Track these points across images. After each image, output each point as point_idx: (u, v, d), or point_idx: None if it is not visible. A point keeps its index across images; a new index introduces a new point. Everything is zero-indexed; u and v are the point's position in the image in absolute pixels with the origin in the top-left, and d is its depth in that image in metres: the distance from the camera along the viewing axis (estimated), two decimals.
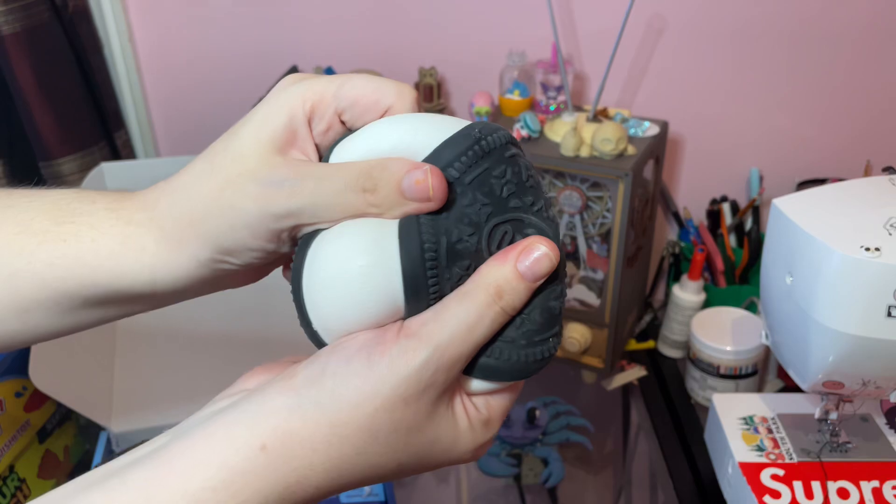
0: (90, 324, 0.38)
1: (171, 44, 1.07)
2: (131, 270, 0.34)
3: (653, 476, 0.85)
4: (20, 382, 0.76)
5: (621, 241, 0.86)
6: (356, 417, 0.30)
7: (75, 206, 0.36)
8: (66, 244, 0.35)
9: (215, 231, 0.32)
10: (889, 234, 0.55)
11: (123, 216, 0.35)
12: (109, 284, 0.35)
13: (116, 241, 0.34)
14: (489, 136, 0.32)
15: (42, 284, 0.35)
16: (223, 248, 0.33)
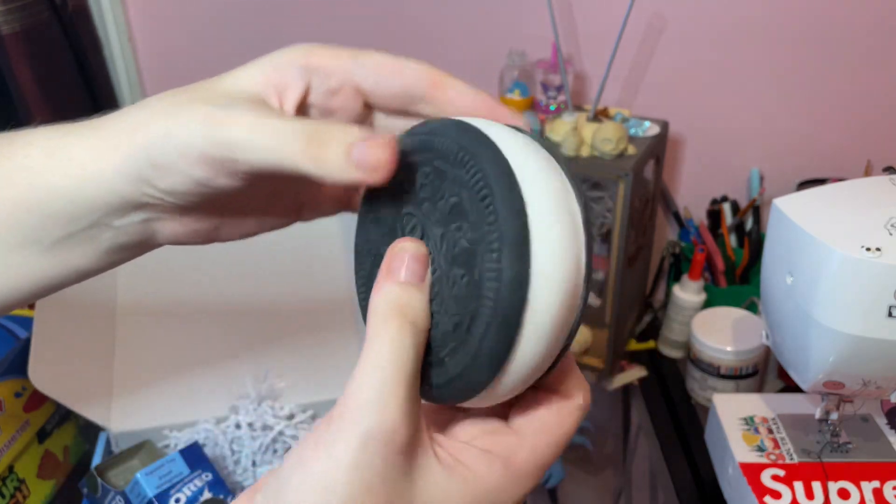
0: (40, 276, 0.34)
1: (170, 43, 1.07)
2: (58, 185, 0.31)
3: (653, 476, 0.85)
4: (19, 382, 0.76)
5: (622, 241, 0.86)
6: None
7: (20, 132, 0.33)
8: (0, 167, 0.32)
9: (149, 140, 0.30)
10: (890, 234, 0.55)
11: (63, 129, 0.32)
12: (40, 205, 0.32)
13: (46, 154, 0.31)
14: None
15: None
16: (152, 162, 0.30)
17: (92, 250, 0.34)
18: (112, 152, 0.31)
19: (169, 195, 0.31)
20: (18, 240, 0.33)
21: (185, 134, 0.29)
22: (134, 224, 0.33)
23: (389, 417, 0.26)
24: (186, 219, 0.34)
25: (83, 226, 0.32)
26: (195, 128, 0.29)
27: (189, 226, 0.34)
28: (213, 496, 0.68)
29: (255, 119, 0.29)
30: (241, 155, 0.29)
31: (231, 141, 0.29)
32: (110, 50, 1.04)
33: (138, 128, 0.30)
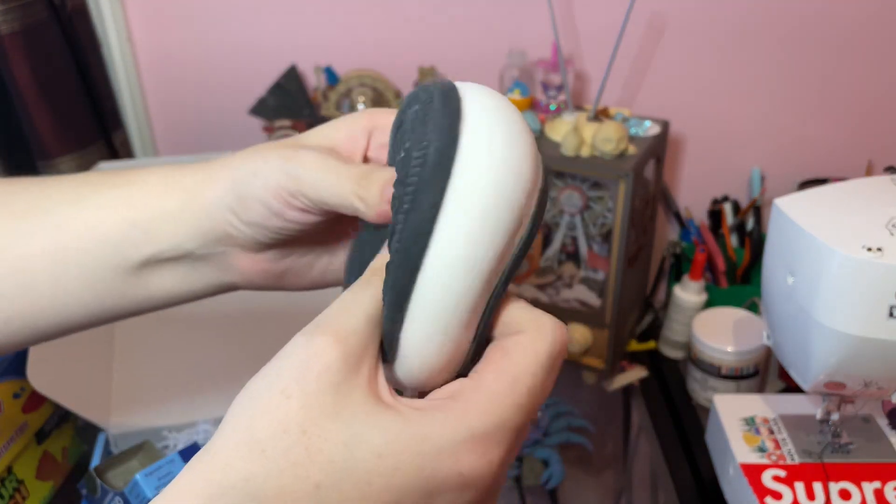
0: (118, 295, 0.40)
1: (169, 43, 1.07)
2: (168, 207, 0.38)
3: (654, 477, 0.85)
4: (18, 383, 0.76)
5: (622, 242, 0.85)
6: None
7: (135, 169, 0.40)
8: (117, 188, 0.38)
9: (240, 173, 0.36)
10: (891, 234, 0.55)
11: (178, 165, 0.39)
12: (145, 222, 0.38)
13: (163, 182, 0.38)
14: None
15: (88, 231, 0.38)
16: (239, 193, 0.36)
17: (171, 276, 0.39)
18: (214, 184, 0.37)
19: (248, 225, 0.37)
20: (113, 256, 0.38)
21: (268, 168, 0.36)
22: (214, 254, 0.39)
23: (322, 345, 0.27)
24: (259, 255, 0.39)
25: (175, 247, 0.38)
26: (275, 163, 0.35)
27: (259, 264, 0.39)
28: None
29: (322, 161, 0.35)
30: (308, 189, 0.35)
31: (300, 176, 0.35)
32: (109, 50, 1.03)
33: (235, 165, 0.37)
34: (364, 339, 0.28)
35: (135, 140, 1.10)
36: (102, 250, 0.38)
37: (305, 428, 0.26)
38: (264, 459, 0.25)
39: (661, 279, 1.08)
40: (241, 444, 0.26)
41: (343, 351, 0.27)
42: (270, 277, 0.40)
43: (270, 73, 1.03)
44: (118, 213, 0.38)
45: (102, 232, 0.38)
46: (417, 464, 0.26)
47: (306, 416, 0.26)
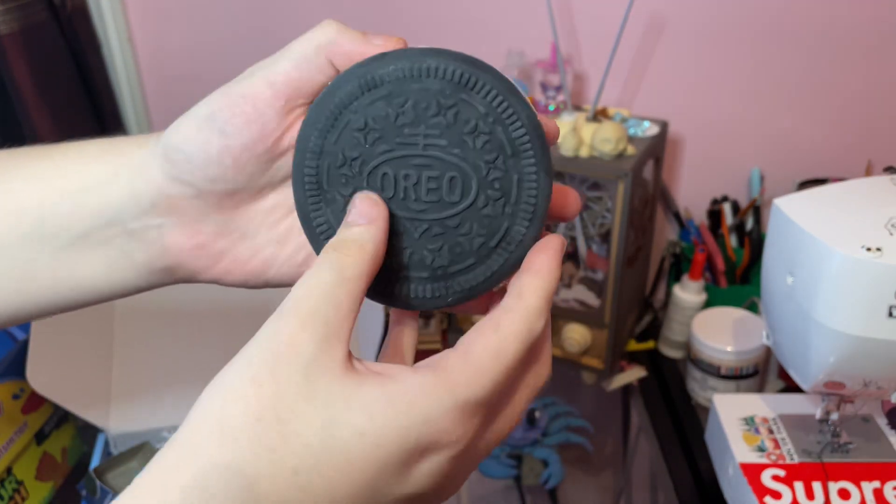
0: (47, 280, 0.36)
1: (169, 43, 1.07)
2: (99, 171, 0.35)
3: (653, 477, 0.85)
4: (18, 384, 0.76)
5: (621, 242, 0.85)
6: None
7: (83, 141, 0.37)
8: (51, 159, 0.36)
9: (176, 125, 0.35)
10: (890, 233, 0.55)
11: (79, 144, 0.37)
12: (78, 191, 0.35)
13: (100, 148, 0.36)
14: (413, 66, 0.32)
15: (16, 205, 0.35)
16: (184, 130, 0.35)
17: (98, 260, 0.36)
18: (152, 141, 0.35)
19: (191, 163, 0.34)
20: (40, 230, 0.35)
21: (205, 108, 0.35)
22: (147, 229, 0.35)
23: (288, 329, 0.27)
24: (196, 228, 0.36)
25: (105, 219, 0.35)
26: (215, 98, 0.35)
27: (196, 238, 0.36)
28: None
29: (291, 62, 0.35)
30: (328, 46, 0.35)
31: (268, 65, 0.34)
32: (109, 50, 1.03)
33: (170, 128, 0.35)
34: (332, 317, 0.27)
35: None
36: (28, 226, 0.35)
37: (280, 414, 0.25)
38: (238, 447, 0.25)
39: (660, 279, 1.08)
40: (213, 433, 0.26)
41: (310, 333, 0.27)
42: (206, 257, 0.36)
43: None
44: (45, 185, 0.35)
45: (29, 205, 0.35)
46: (402, 435, 0.26)
47: (279, 401, 0.26)
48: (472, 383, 0.28)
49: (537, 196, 0.32)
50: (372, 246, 0.30)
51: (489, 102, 0.33)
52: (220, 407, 0.26)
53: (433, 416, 0.27)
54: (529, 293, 0.30)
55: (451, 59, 0.33)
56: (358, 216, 0.31)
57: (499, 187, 0.32)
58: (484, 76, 0.33)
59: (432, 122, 0.32)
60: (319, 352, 0.27)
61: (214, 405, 0.26)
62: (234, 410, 0.26)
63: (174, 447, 0.26)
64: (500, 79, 0.34)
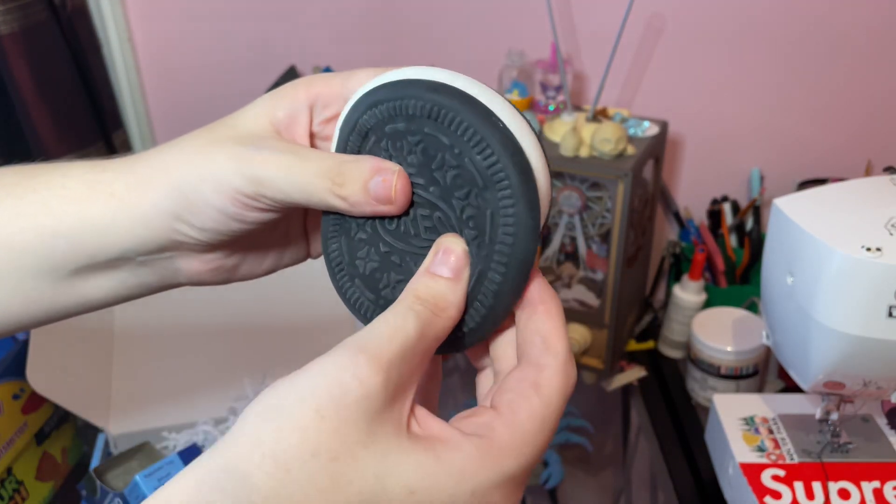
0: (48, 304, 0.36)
1: (170, 43, 1.07)
2: (94, 215, 0.33)
3: (653, 477, 0.85)
4: (18, 384, 0.76)
5: (621, 242, 0.85)
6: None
7: (53, 164, 0.35)
8: (35, 193, 0.34)
9: (184, 178, 0.32)
10: (890, 233, 0.55)
11: (99, 165, 0.35)
12: (70, 233, 0.34)
13: (86, 186, 0.34)
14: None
15: (5, 241, 0.34)
16: (186, 199, 0.32)
17: (107, 282, 0.36)
18: (149, 189, 0.33)
19: (200, 232, 0.33)
20: (38, 265, 0.34)
21: (221, 173, 0.32)
22: (159, 260, 0.35)
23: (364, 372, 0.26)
24: (210, 255, 0.36)
25: (109, 257, 0.34)
26: (229, 167, 0.32)
27: (211, 263, 0.36)
28: None
29: (283, 159, 0.31)
30: (273, 193, 0.31)
31: (263, 179, 0.31)
32: (109, 50, 1.03)
33: (174, 167, 0.33)
34: (405, 371, 0.27)
35: (135, 140, 1.10)
36: (25, 261, 0.34)
37: (336, 455, 0.25)
38: (289, 480, 0.24)
39: (660, 279, 1.08)
40: (266, 458, 0.24)
41: (385, 379, 0.26)
42: (222, 273, 0.37)
43: (270, 74, 1.03)
44: (37, 222, 0.34)
45: (21, 243, 0.34)
46: (449, 501, 0.26)
47: (339, 442, 0.25)
48: (522, 455, 0.28)
49: (515, 234, 0.28)
50: (456, 311, 0.30)
51: (454, 131, 0.29)
52: (277, 429, 0.25)
53: (482, 488, 0.27)
54: (556, 339, 0.30)
55: (413, 90, 0.30)
56: (446, 267, 0.30)
57: (473, 226, 0.29)
58: (448, 103, 0.29)
59: (409, 160, 0.30)
60: (389, 402, 0.26)
61: (269, 426, 0.25)
62: (291, 439, 0.24)
63: (218, 459, 0.25)
64: (469, 102, 0.29)
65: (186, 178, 0.32)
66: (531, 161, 0.29)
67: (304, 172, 0.31)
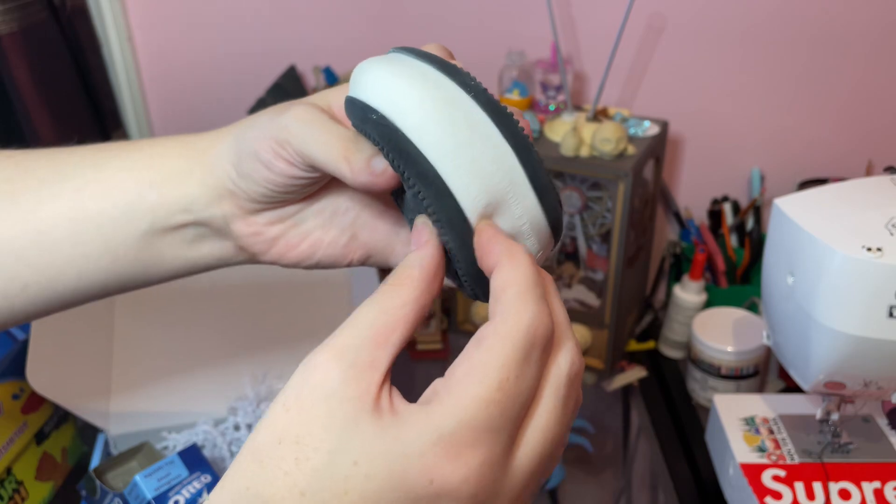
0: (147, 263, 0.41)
1: (170, 43, 1.07)
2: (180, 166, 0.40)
3: (653, 477, 0.85)
4: (17, 384, 0.76)
5: (621, 242, 0.85)
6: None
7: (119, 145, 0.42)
8: (141, 151, 0.40)
9: (241, 130, 0.38)
10: (891, 234, 0.55)
11: (195, 134, 0.41)
12: (163, 183, 0.39)
13: (181, 143, 0.40)
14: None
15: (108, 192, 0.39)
16: (238, 146, 0.38)
17: (180, 249, 0.41)
18: (220, 142, 0.39)
19: (242, 178, 0.38)
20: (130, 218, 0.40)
21: (263, 120, 0.37)
22: (216, 217, 0.40)
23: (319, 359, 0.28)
24: (253, 219, 0.40)
25: (181, 204, 0.40)
26: (269, 117, 0.37)
27: (253, 227, 0.40)
28: None
29: (313, 116, 0.36)
30: (295, 140, 0.35)
31: (289, 127, 0.36)
32: (109, 50, 1.03)
33: (241, 122, 0.40)
34: (366, 352, 0.28)
35: (134, 140, 1.10)
36: (121, 212, 0.39)
37: (299, 438, 0.27)
38: (261, 468, 0.27)
39: (660, 279, 1.08)
40: (246, 453, 0.27)
41: (340, 365, 0.27)
42: (262, 242, 0.41)
43: (270, 73, 1.03)
44: (137, 175, 0.39)
45: (121, 194, 0.39)
46: (387, 470, 0.26)
47: (300, 426, 0.27)
48: (455, 411, 0.26)
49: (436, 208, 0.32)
50: (419, 271, 0.31)
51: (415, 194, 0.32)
52: (256, 431, 0.28)
53: (414, 451, 0.26)
54: (501, 288, 0.29)
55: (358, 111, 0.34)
56: (411, 244, 0.33)
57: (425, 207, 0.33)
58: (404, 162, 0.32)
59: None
60: (346, 383, 0.27)
61: (256, 430, 0.28)
62: (264, 433, 0.27)
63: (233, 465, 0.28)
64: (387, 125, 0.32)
65: (242, 129, 0.38)
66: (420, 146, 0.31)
67: (328, 132, 0.35)
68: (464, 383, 0.27)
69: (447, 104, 0.31)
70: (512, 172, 0.31)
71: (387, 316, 0.29)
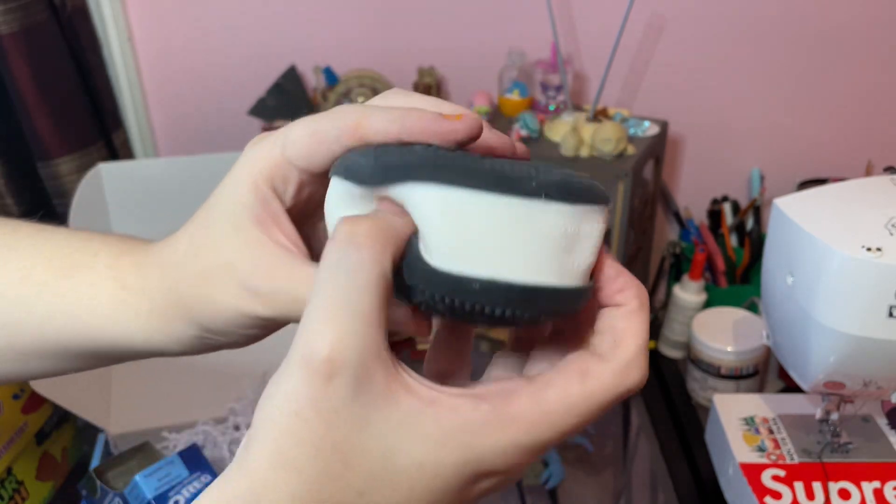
0: (89, 367, 0.40)
1: (170, 43, 1.07)
2: (126, 332, 0.36)
3: (653, 477, 0.85)
4: (18, 385, 0.76)
5: (621, 242, 0.85)
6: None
7: (77, 258, 0.36)
8: (65, 300, 0.36)
9: (200, 316, 0.34)
10: (890, 233, 0.55)
11: (119, 279, 0.36)
12: (106, 342, 0.36)
13: (112, 304, 0.35)
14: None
15: (41, 335, 0.36)
16: (209, 329, 0.34)
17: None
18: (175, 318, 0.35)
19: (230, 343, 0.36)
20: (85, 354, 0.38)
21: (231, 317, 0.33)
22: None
23: (322, 344, 0.25)
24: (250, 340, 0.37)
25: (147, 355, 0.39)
26: (235, 310, 0.32)
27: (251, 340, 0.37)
28: None
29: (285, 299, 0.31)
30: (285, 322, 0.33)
31: (271, 317, 0.32)
32: (110, 50, 1.03)
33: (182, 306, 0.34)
34: (362, 341, 0.25)
35: (135, 140, 1.10)
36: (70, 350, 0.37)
37: (337, 446, 0.25)
38: (303, 479, 0.25)
39: (660, 279, 1.08)
40: (277, 467, 0.25)
41: (344, 363, 0.25)
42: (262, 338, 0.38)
43: (270, 74, 1.03)
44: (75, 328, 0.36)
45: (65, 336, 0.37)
46: (460, 468, 0.26)
47: (333, 435, 0.25)
48: (542, 433, 0.27)
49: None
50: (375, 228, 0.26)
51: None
52: (274, 440, 0.26)
53: (491, 455, 0.26)
54: (628, 337, 0.28)
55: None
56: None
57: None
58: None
59: None
60: (359, 380, 0.25)
61: (268, 438, 0.26)
62: (289, 444, 0.25)
63: (237, 475, 0.26)
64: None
65: (203, 316, 0.34)
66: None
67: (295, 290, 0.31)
68: (556, 413, 0.27)
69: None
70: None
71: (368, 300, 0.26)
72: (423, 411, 0.26)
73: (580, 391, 0.27)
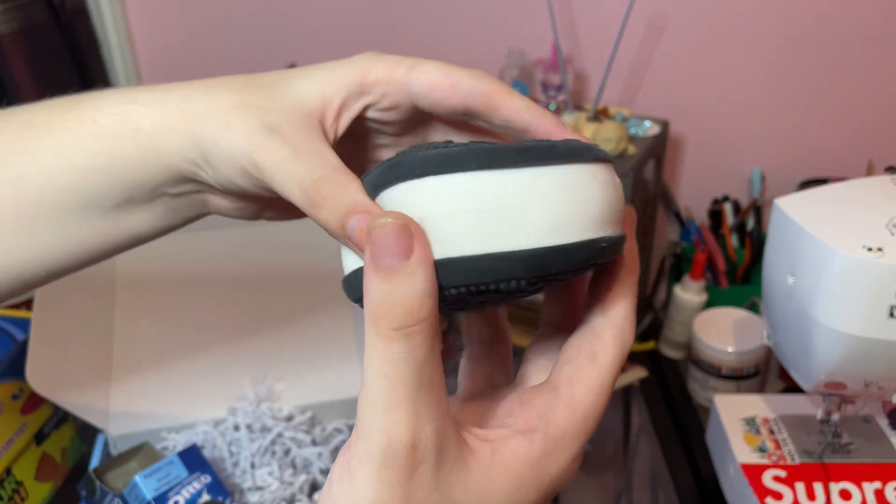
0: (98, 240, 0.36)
1: (169, 43, 1.07)
2: (126, 152, 0.33)
3: (654, 477, 0.85)
4: (17, 384, 0.76)
5: None
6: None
7: (84, 95, 0.35)
8: (70, 131, 0.34)
9: (205, 134, 0.32)
10: (891, 233, 0.55)
11: (129, 94, 0.34)
12: (106, 169, 0.34)
13: (116, 119, 0.33)
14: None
15: (48, 183, 0.34)
16: (205, 155, 0.32)
17: (149, 214, 0.36)
18: (174, 133, 0.33)
19: (219, 184, 0.33)
20: (81, 202, 0.34)
21: (232, 148, 0.31)
22: (188, 193, 0.35)
23: (403, 432, 0.25)
24: (233, 197, 0.36)
25: (144, 190, 0.34)
26: (241, 144, 0.31)
27: (236, 203, 0.37)
28: (211, 498, 0.68)
29: (285, 156, 0.30)
30: (270, 184, 0.31)
31: (263, 169, 0.31)
32: (109, 49, 1.03)
33: (197, 119, 0.32)
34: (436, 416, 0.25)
35: None
36: (70, 200, 0.34)
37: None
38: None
39: (661, 279, 1.07)
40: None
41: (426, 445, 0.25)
42: (249, 213, 0.38)
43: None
44: (76, 162, 0.34)
45: (64, 183, 0.34)
46: (537, 500, 0.28)
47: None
48: (583, 433, 0.28)
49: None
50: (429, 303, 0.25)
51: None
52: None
53: (557, 476, 0.28)
54: (613, 303, 0.29)
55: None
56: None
57: None
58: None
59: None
60: (442, 446, 0.25)
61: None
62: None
63: None
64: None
65: (206, 134, 0.32)
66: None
67: (290, 178, 0.30)
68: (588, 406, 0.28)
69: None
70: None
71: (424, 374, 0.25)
72: (492, 467, 0.26)
73: (597, 374, 0.28)
